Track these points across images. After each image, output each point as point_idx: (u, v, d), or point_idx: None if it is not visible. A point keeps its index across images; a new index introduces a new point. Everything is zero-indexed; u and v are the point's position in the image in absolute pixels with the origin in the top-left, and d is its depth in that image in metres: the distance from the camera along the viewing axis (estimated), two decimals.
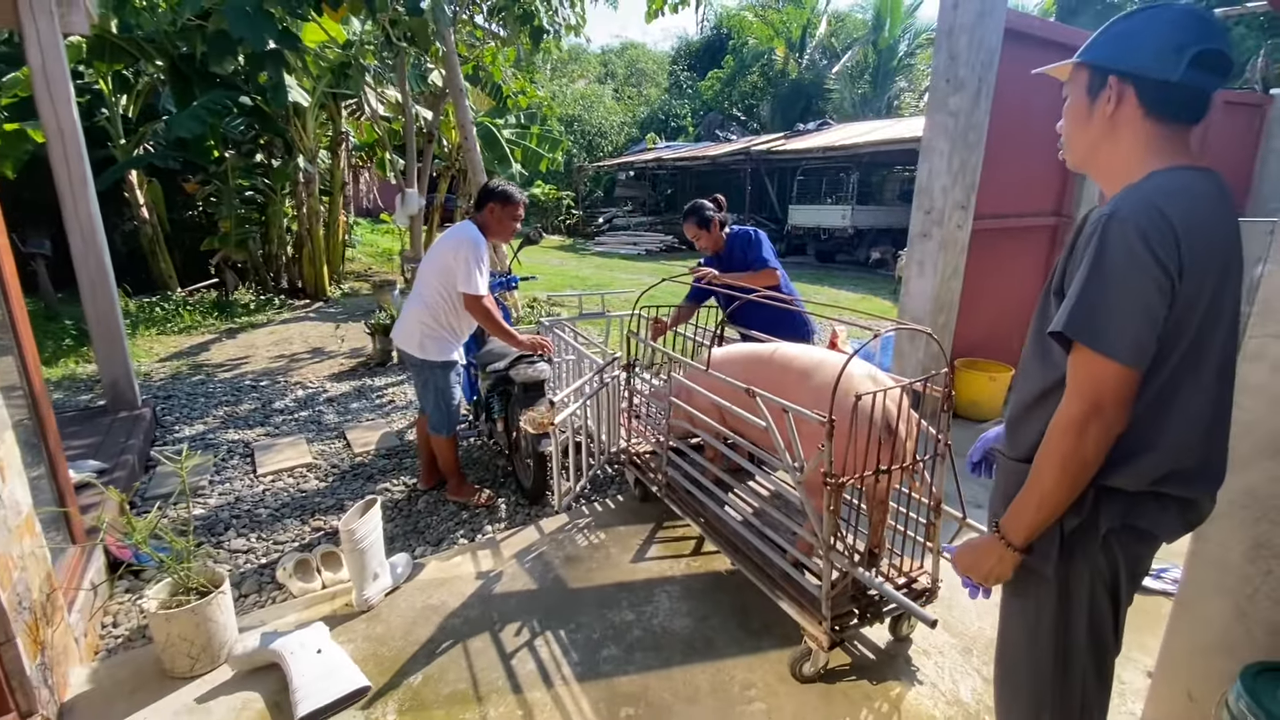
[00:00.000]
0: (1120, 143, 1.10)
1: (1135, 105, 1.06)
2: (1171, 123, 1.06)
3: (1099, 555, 1.14)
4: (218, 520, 3.12)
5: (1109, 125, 1.10)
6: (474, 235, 2.87)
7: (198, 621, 1.99)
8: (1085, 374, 1.03)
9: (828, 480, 1.72)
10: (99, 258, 3.98)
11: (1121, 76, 1.07)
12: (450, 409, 3.06)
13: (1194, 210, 1.01)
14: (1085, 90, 1.12)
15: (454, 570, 2.62)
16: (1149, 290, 0.99)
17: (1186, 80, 1.01)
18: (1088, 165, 1.17)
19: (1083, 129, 1.14)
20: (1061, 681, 1.22)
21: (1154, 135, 1.07)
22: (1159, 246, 0.98)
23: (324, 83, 7.85)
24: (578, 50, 31.05)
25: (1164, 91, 1.04)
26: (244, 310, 8.14)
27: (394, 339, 3.08)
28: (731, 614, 2.33)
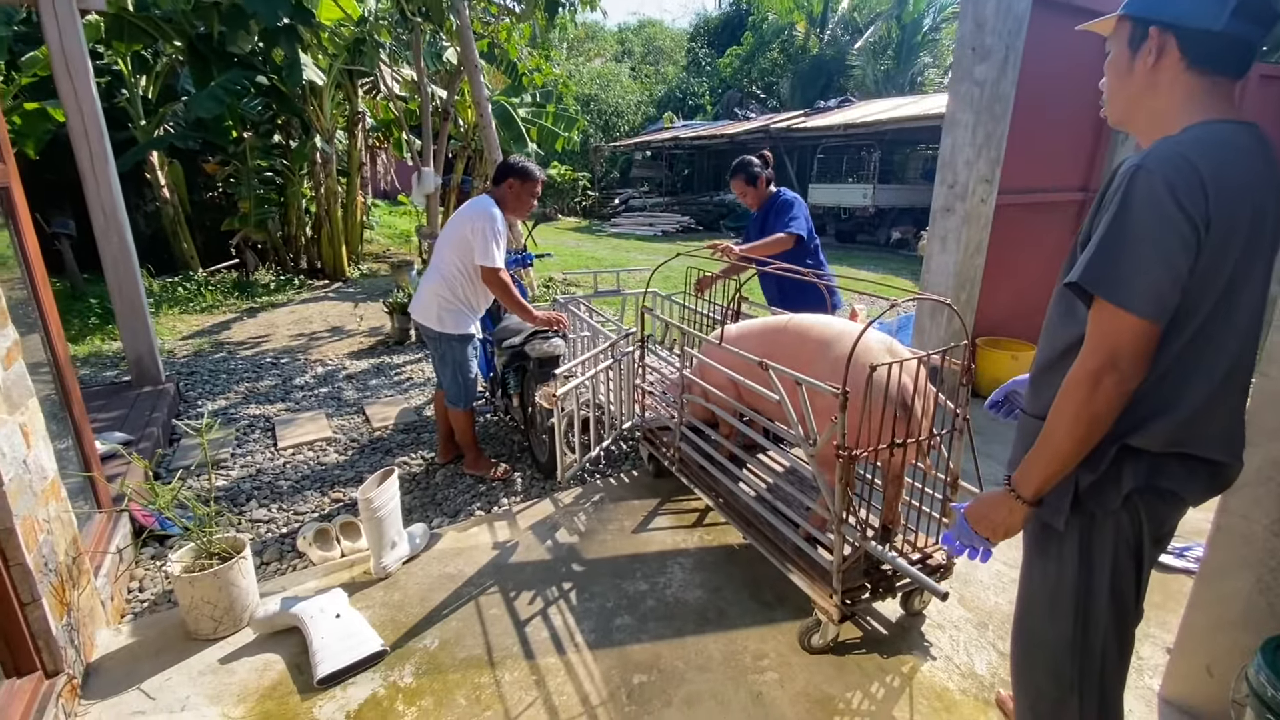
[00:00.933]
0: (1160, 96, 1.07)
1: (1177, 57, 1.04)
2: (1214, 75, 1.03)
3: (1122, 515, 1.13)
4: (240, 491, 3.18)
5: (1150, 78, 1.07)
6: (491, 209, 2.87)
7: (220, 585, 2.03)
8: (1102, 327, 1.01)
9: (840, 453, 1.70)
10: (121, 234, 4.04)
11: (1163, 28, 1.04)
12: (468, 382, 3.08)
13: (1226, 163, 0.97)
14: (1127, 43, 1.10)
15: (470, 540, 2.66)
16: (1172, 243, 0.96)
17: (1230, 29, 0.98)
18: (1129, 121, 1.15)
19: (1124, 83, 1.12)
20: (1082, 645, 1.21)
21: (1195, 88, 1.04)
22: (1185, 198, 0.95)
23: (340, 61, 7.84)
24: (594, 28, 30.70)
25: (1206, 42, 1.01)
26: (264, 290, 8.24)
27: (412, 313, 3.10)
28: (744, 586, 2.33)
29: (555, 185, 20.49)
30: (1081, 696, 1.26)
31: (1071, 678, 1.24)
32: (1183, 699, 1.77)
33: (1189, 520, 2.82)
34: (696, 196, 20.04)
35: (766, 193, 3.32)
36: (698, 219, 17.60)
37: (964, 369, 1.91)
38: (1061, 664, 1.24)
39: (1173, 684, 1.80)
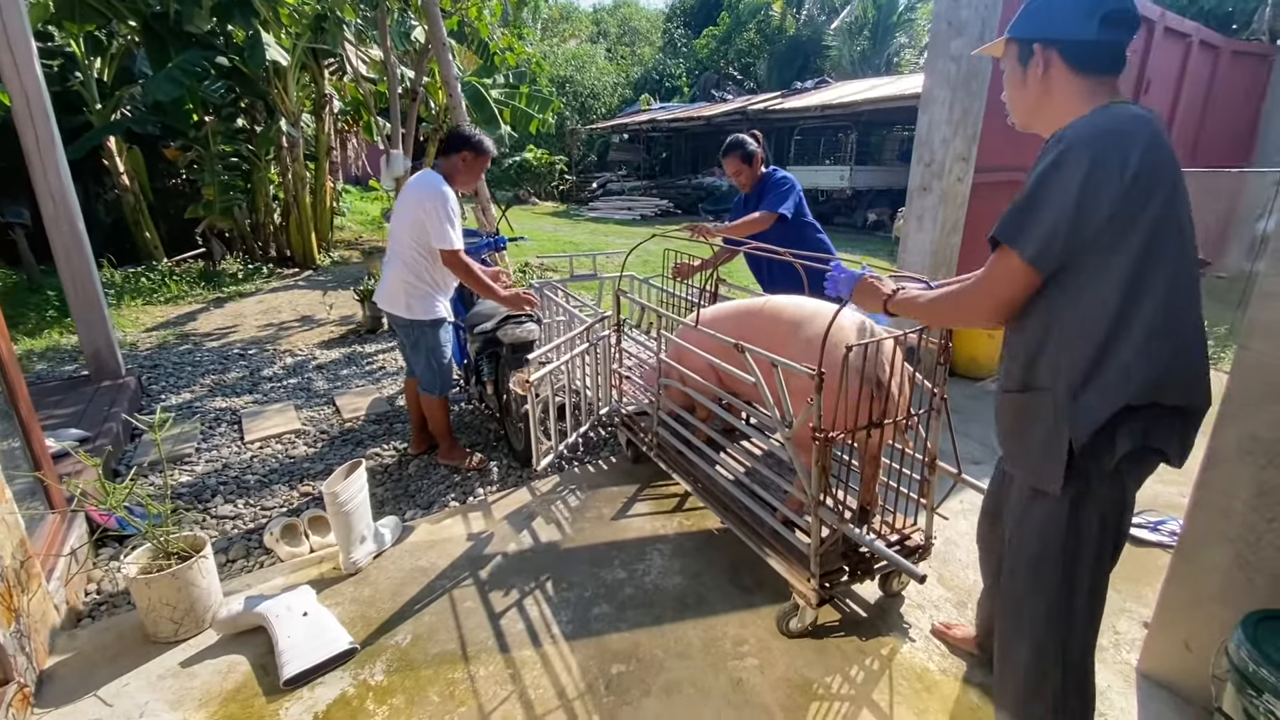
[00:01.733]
0: (1054, 99, 1.24)
1: (1062, 65, 1.21)
2: (1097, 74, 1.20)
3: (1113, 479, 1.21)
4: (205, 487, 3.08)
5: (1043, 85, 1.25)
6: (440, 187, 2.72)
7: (179, 586, 1.95)
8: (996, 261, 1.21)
9: (816, 436, 1.66)
10: (73, 223, 3.85)
11: (1045, 43, 1.22)
12: (442, 367, 2.98)
13: (1141, 130, 1.11)
14: (1017, 60, 1.27)
15: (444, 533, 2.59)
16: (1086, 201, 1.09)
17: (1101, 37, 1.16)
18: (1033, 123, 1.32)
19: (1022, 93, 1.29)
20: (1064, 611, 1.28)
21: (1084, 87, 1.21)
22: (1120, 155, 1.08)
23: (304, 40, 7.57)
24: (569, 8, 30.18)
25: (1084, 49, 1.19)
26: (231, 280, 8.00)
27: (378, 302, 2.99)
28: (724, 571, 2.30)
29: (531, 169, 20.19)
30: (1063, 670, 1.29)
31: (1053, 650, 1.29)
32: (1161, 674, 1.78)
33: (1163, 494, 2.86)
34: (675, 180, 19.89)
35: (759, 174, 3.22)
36: (676, 202, 17.47)
37: (941, 348, 1.87)
38: (1045, 632, 1.30)
39: (1150, 659, 1.81)
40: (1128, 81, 4.91)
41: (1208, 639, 1.61)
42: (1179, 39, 5.62)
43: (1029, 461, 1.28)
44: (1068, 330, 1.16)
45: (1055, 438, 1.19)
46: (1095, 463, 1.17)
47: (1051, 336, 1.19)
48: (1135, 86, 5.14)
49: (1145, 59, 5.07)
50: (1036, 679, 1.32)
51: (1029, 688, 1.34)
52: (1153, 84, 5.30)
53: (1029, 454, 1.27)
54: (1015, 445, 1.33)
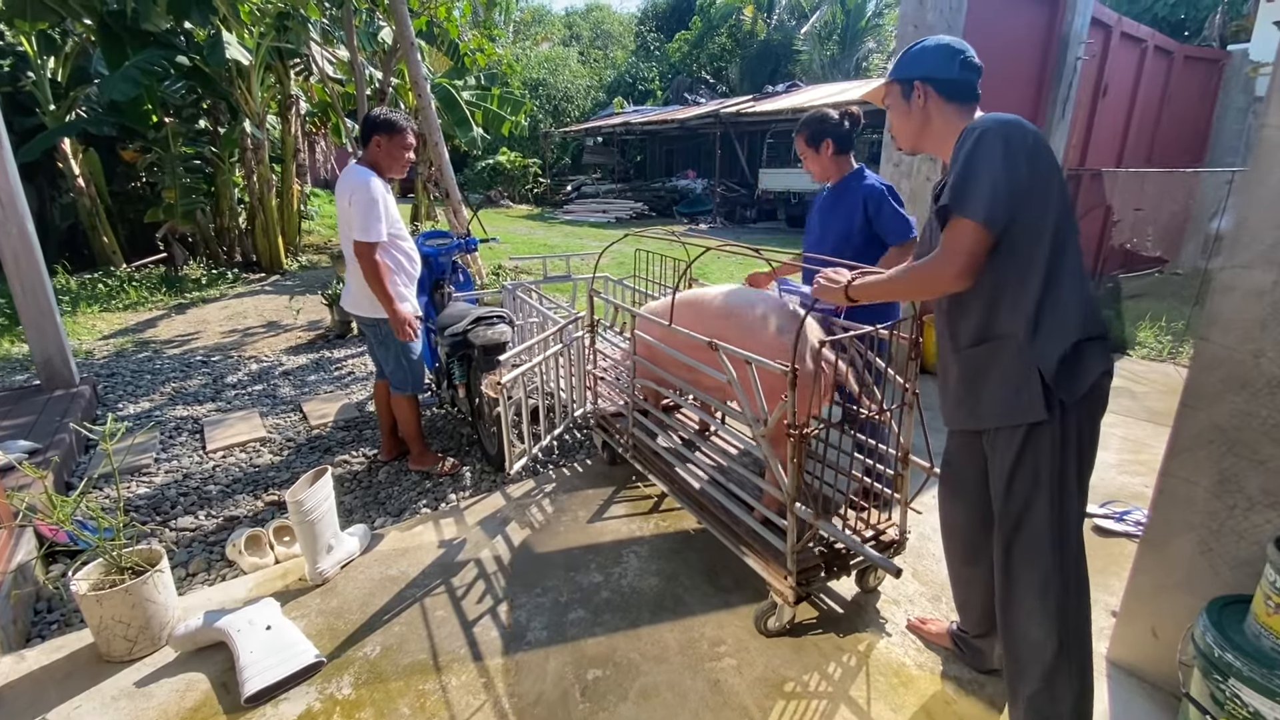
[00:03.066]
0: (935, 122, 1.54)
1: (936, 96, 1.52)
2: (962, 103, 1.52)
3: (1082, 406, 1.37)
4: (164, 498, 2.96)
5: (924, 113, 1.54)
6: (364, 178, 2.60)
7: (134, 602, 1.87)
8: (953, 231, 1.35)
9: (791, 432, 1.65)
10: (21, 226, 3.69)
11: (923, 80, 1.53)
12: (412, 364, 2.90)
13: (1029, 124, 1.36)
14: (901, 97, 1.58)
15: (415, 540, 2.53)
16: (1010, 166, 1.30)
17: (959, 76, 1.50)
18: (920, 144, 1.60)
19: (907, 121, 1.58)
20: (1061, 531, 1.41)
21: (955, 110, 1.52)
22: (1021, 134, 1.33)
23: (267, 40, 7.40)
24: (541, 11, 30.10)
25: (950, 84, 1.51)
26: (195, 285, 7.78)
27: (345, 306, 2.91)
28: (701, 572, 2.28)
29: (505, 172, 20.05)
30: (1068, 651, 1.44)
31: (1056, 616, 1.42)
32: (1129, 662, 1.80)
33: (1129, 485, 2.92)
34: (649, 183, 19.93)
35: (830, 164, 2.46)
36: (651, 205, 17.50)
37: (911, 343, 1.88)
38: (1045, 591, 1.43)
39: (1119, 647, 1.83)
40: (1088, 83, 5.04)
41: (1174, 626, 1.64)
42: (1134, 44, 5.78)
43: (1001, 406, 1.42)
44: (1016, 281, 1.36)
45: (1025, 373, 1.37)
46: (1067, 389, 1.35)
47: (1004, 290, 1.38)
48: (1094, 89, 5.28)
49: (1103, 63, 5.21)
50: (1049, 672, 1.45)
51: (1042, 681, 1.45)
52: (1110, 87, 5.45)
53: (999, 399, 1.42)
54: (979, 398, 1.47)
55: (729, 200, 16.59)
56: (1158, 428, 3.52)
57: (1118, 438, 3.40)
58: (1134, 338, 4.97)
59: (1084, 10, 4.52)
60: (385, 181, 2.72)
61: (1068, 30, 4.51)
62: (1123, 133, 6.06)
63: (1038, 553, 1.43)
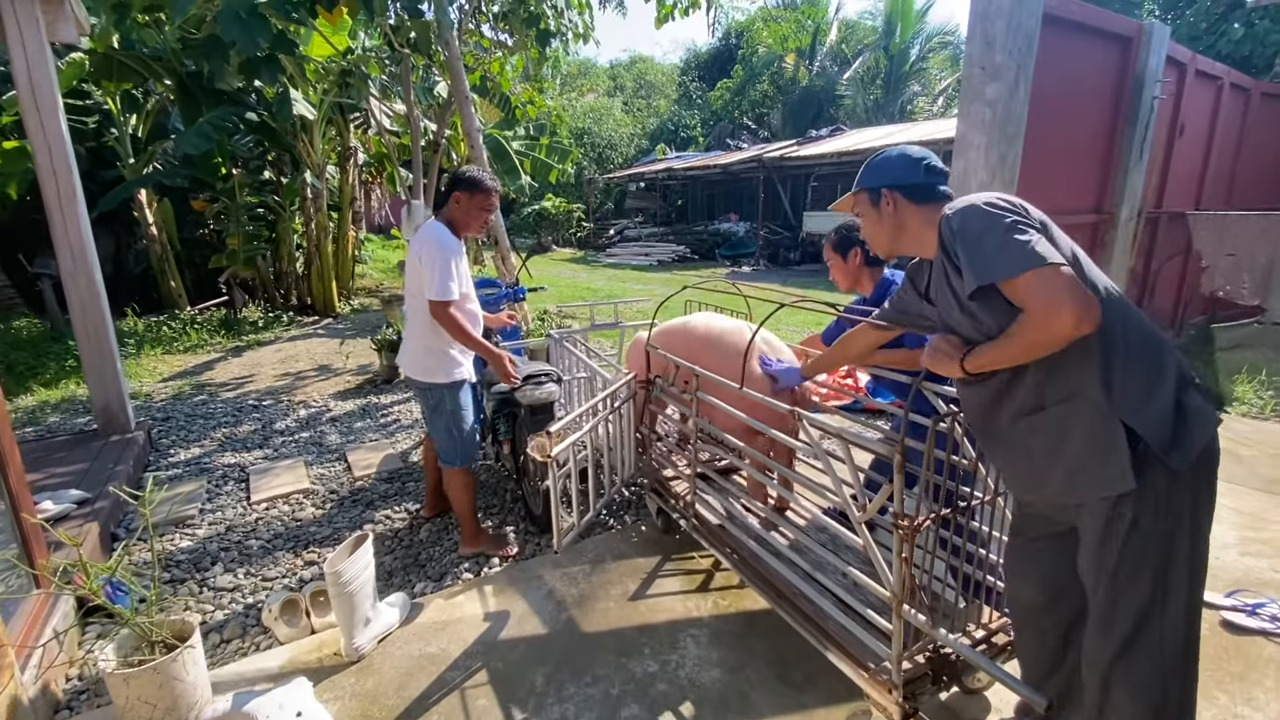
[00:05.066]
0: (907, 225, 1.54)
1: (905, 201, 1.53)
2: (930, 203, 1.51)
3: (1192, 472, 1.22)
4: (205, 553, 2.89)
5: (896, 218, 1.55)
6: (437, 235, 2.52)
7: (161, 682, 1.75)
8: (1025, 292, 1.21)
9: (900, 524, 1.44)
10: (90, 276, 3.81)
11: (890, 188, 1.54)
12: (463, 436, 2.71)
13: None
14: (870, 205, 1.59)
15: (456, 611, 2.37)
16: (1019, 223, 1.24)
17: (925, 180, 1.52)
18: (896, 248, 1.60)
19: (879, 228, 1.59)
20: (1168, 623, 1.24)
21: (923, 212, 1.51)
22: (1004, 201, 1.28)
23: (330, 95, 7.75)
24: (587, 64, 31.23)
25: (916, 188, 1.52)
26: (252, 327, 8.01)
27: (400, 366, 2.79)
28: (768, 664, 2.05)
29: (550, 217, 20.48)
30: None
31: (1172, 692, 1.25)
32: None
33: (1254, 570, 2.56)
34: (691, 226, 20.04)
35: (860, 273, 2.33)
36: (693, 248, 17.53)
37: None
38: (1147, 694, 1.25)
39: None
40: (1163, 122, 4.78)
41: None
42: (1210, 81, 5.51)
43: (1087, 476, 1.26)
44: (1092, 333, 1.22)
45: (1110, 435, 1.22)
46: (1177, 450, 1.20)
47: (1075, 343, 1.23)
48: (1170, 128, 5.01)
49: (1179, 102, 4.95)
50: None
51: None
52: (1186, 126, 5.16)
53: (1084, 467, 1.26)
54: (1060, 466, 1.30)
55: (772, 243, 16.48)
56: (1275, 498, 3.14)
57: (1229, 510, 3.03)
58: (1231, 393, 4.54)
59: (1159, 49, 4.31)
60: (459, 240, 2.62)
61: (1142, 69, 4.29)
62: (1200, 173, 5.73)
63: (1141, 651, 1.25)
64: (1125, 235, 4.57)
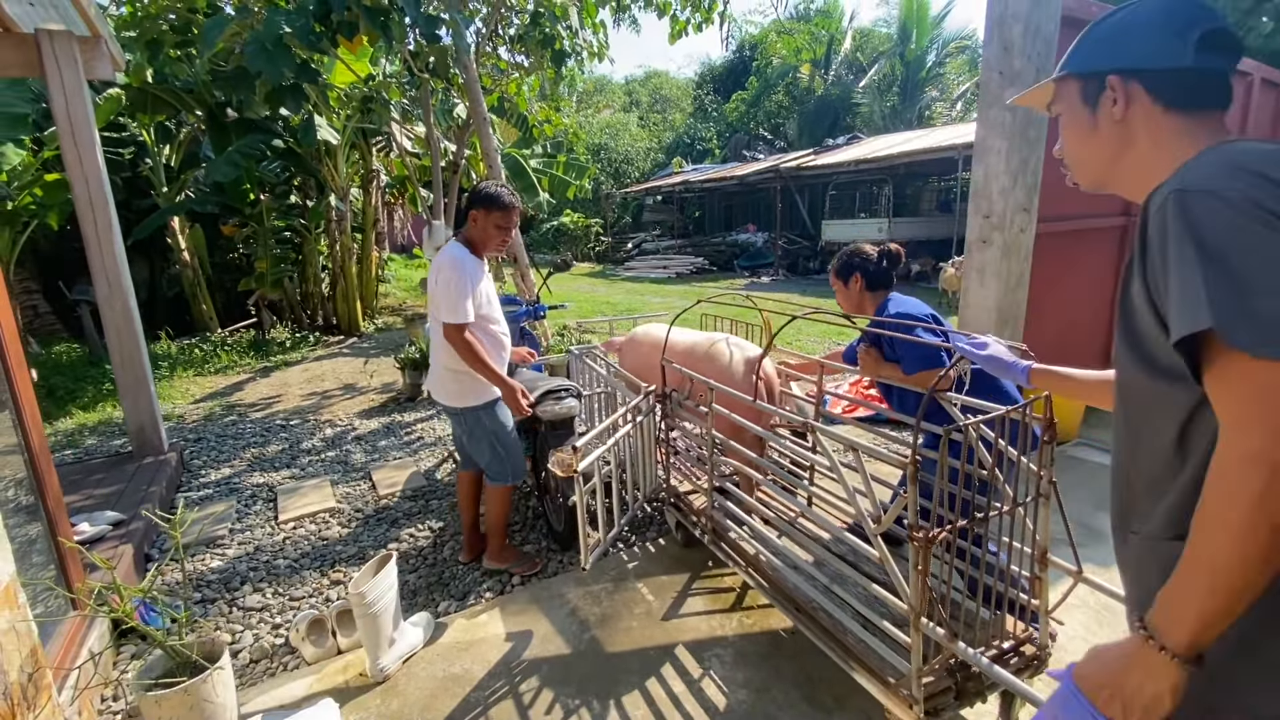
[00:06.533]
0: (1140, 146, 0.92)
1: (1149, 102, 0.90)
2: (1198, 111, 0.89)
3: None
4: (234, 573, 2.94)
5: (1122, 130, 0.93)
6: (454, 255, 2.48)
7: (192, 703, 1.77)
8: (1255, 389, 0.70)
9: (915, 535, 1.41)
10: (125, 302, 3.93)
11: (1124, 75, 0.91)
12: (509, 450, 2.64)
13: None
14: (1081, 102, 0.97)
15: (479, 631, 2.37)
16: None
17: (1200, 64, 0.86)
18: (1109, 181, 0.99)
19: (1091, 143, 0.97)
20: None
21: (1183, 126, 0.89)
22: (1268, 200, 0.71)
23: (353, 121, 7.94)
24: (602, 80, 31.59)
25: (1177, 80, 0.88)
26: (280, 348, 8.18)
27: (429, 391, 2.76)
28: (795, 685, 2.01)
29: (568, 232, 20.67)
30: None
31: None
32: None
33: None
34: (709, 238, 20.08)
35: (862, 299, 2.35)
36: (711, 260, 17.55)
37: (1047, 423, 1.62)
38: None
39: None
40: None
41: None
42: (1240, 78, 5.38)
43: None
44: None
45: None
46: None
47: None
48: None
49: (1245, 113, 4.84)
50: None
51: None
52: (1253, 136, 5.05)
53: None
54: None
55: (790, 253, 16.43)
56: None
57: None
58: None
59: None
60: (479, 259, 2.57)
61: None
62: None
63: None
64: None
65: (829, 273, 2.46)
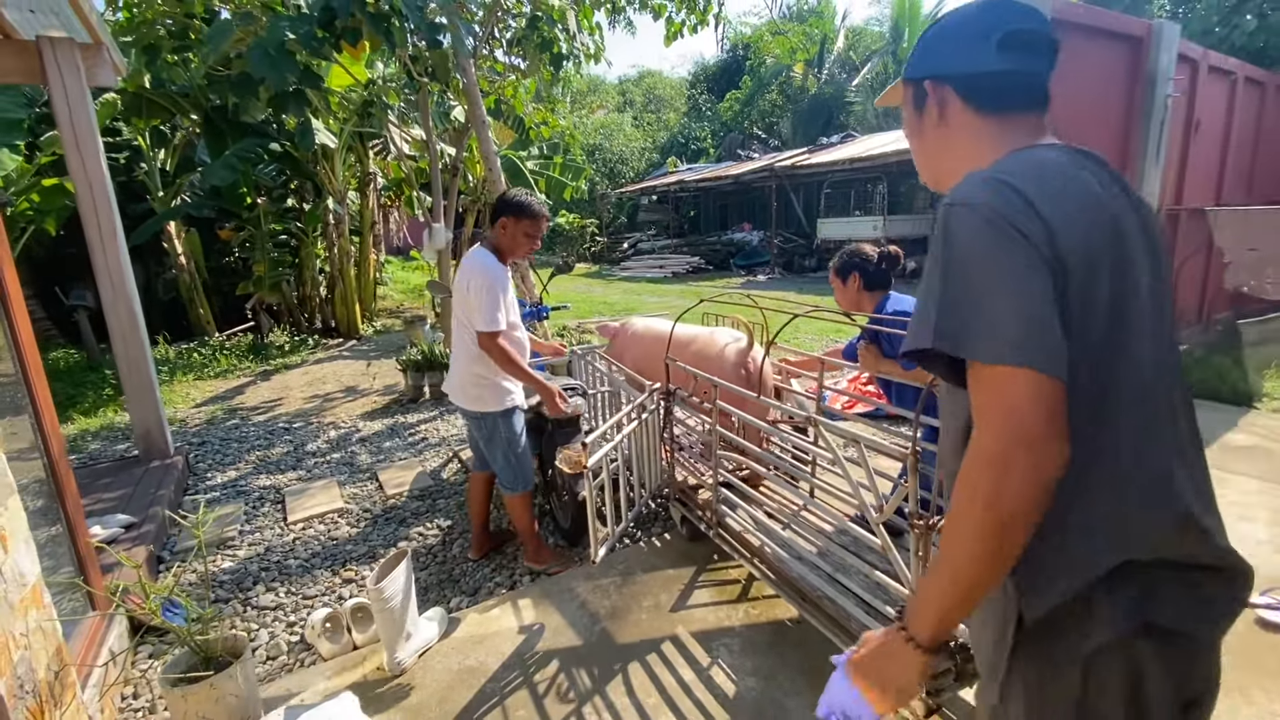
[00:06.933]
0: (957, 147, 0.97)
1: (960, 105, 0.95)
2: (1007, 112, 0.93)
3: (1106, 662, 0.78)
4: (246, 574, 2.98)
5: (943, 132, 0.98)
6: (484, 263, 2.50)
7: (217, 697, 1.82)
8: (991, 395, 0.75)
9: (916, 523, 1.48)
10: (129, 307, 3.96)
11: (937, 80, 0.97)
12: (521, 460, 2.69)
13: (1052, 179, 0.81)
14: (913, 105, 1.02)
15: (492, 625, 2.42)
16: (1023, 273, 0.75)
17: (1003, 66, 0.90)
18: (940, 180, 1.02)
19: (921, 144, 1.03)
20: None
21: (990, 129, 0.94)
22: (1019, 219, 0.77)
23: (350, 124, 7.97)
24: (596, 81, 31.62)
25: (983, 83, 0.93)
26: (279, 352, 8.20)
27: (448, 394, 2.78)
28: (801, 671, 2.07)
29: (564, 233, 20.71)
30: None
31: None
32: None
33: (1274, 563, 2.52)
34: (704, 237, 20.16)
35: (859, 298, 2.42)
36: (707, 258, 17.63)
37: None
38: None
39: None
40: (1178, 119, 4.75)
41: None
42: (1224, 77, 5.48)
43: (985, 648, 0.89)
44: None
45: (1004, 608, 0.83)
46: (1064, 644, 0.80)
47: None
48: (1185, 126, 4.99)
49: (1193, 99, 4.93)
50: None
51: None
52: (1201, 123, 5.14)
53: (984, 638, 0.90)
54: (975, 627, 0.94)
55: (786, 251, 16.53)
56: None
57: (1266, 508, 3.00)
58: (1260, 389, 4.48)
59: (1169, 47, 4.31)
60: (506, 266, 2.59)
61: (1154, 68, 4.29)
62: (1219, 169, 5.68)
63: None
64: None
65: (829, 270, 2.54)
